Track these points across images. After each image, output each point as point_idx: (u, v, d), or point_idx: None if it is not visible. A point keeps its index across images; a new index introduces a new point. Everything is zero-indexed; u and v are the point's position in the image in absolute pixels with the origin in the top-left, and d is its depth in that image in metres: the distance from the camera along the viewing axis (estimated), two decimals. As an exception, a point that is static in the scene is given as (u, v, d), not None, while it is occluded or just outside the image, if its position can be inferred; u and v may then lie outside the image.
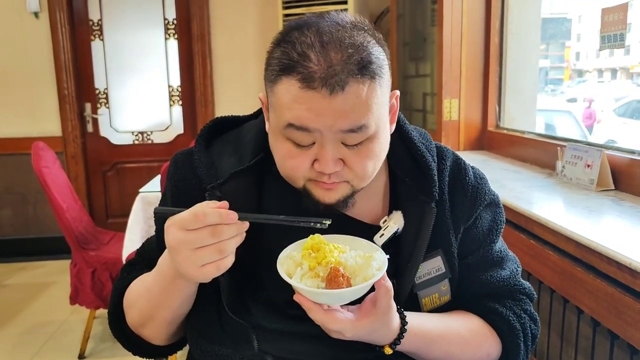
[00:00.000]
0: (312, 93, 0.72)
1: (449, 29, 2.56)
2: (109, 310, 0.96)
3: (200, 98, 3.99)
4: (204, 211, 0.70)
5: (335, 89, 0.71)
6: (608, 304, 1.17)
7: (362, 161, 0.78)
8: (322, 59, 0.72)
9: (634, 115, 6.42)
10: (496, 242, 0.96)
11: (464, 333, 0.89)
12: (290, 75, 0.73)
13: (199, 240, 0.70)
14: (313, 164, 0.78)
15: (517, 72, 2.57)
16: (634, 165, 1.60)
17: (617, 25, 1.63)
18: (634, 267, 1.05)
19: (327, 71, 0.71)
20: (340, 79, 0.71)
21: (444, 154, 0.94)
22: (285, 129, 0.76)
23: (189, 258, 0.71)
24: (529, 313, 0.95)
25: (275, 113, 0.78)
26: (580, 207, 1.52)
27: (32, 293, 3.34)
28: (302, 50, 0.73)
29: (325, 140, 0.75)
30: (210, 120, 0.96)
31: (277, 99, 0.76)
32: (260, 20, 3.93)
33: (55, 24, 3.77)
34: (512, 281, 0.95)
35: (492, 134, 2.60)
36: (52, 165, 2.60)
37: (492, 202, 0.95)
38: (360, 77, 0.73)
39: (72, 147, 3.92)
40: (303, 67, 0.72)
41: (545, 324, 1.51)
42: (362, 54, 0.73)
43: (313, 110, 0.73)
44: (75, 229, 2.52)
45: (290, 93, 0.74)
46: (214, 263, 0.72)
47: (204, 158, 0.89)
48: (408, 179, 0.90)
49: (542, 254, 1.43)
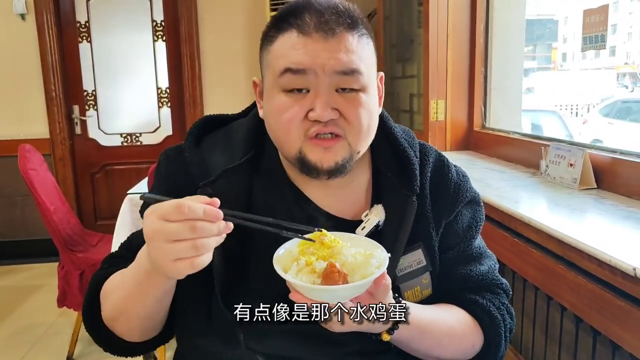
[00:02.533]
0: (307, 38, 0.80)
1: (435, 31, 2.58)
2: (85, 301, 0.93)
3: (188, 99, 3.99)
4: (187, 204, 0.68)
5: (328, 34, 0.79)
6: (590, 300, 1.19)
7: (355, 109, 0.82)
8: (315, 15, 0.80)
9: (618, 115, 6.49)
10: (475, 239, 0.98)
11: (452, 323, 0.91)
12: (287, 30, 0.81)
13: (176, 233, 0.67)
14: (308, 114, 0.81)
15: (502, 73, 2.60)
16: (616, 164, 1.63)
17: (599, 26, 1.67)
18: (614, 264, 1.08)
19: (320, 21, 0.80)
20: (332, 27, 0.80)
21: (427, 150, 0.97)
22: (281, 77, 0.81)
23: (162, 249, 0.68)
24: (506, 306, 0.98)
25: (271, 68, 0.83)
26: (563, 205, 1.55)
27: (20, 296, 3.31)
28: (295, 8, 0.81)
29: (319, 85, 0.80)
30: (199, 119, 0.97)
31: (274, 53, 0.83)
32: (249, 21, 3.93)
33: (42, 25, 3.75)
34: (490, 276, 0.97)
35: (478, 134, 2.63)
36: (40, 167, 2.59)
37: (472, 200, 0.98)
38: (351, 29, 0.81)
39: (60, 149, 3.90)
40: (299, 20, 0.80)
41: (529, 321, 1.54)
42: (352, 16, 0.82)
43: (308, 52, 0.79)
44: (62, 231, 2.51)
45: (287, 42, 0.81)
46: (189, 259, 0.68)
47: (195, 155, 0.90)
48: (390, 173, 0.92)
49: (526, 252, 1.46)
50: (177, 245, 0.68)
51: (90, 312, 0.91)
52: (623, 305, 1.08)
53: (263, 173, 0.89)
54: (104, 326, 0.90)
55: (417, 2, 2.86)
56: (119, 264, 0.92)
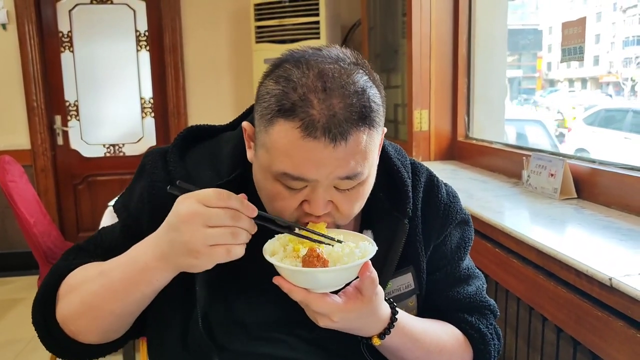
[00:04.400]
0: (313, 143, 0.69)
1: (418, 41, 2.60)
2: (39, 291, 0.85)
3: (172, 110, 3.97)
4: (228, 193, 0.69)
5: (337, 139, 0.69)
6: (569, 310, 1.19)
7: (351, 204, 0.78)
8: (325, 105, 0.69)
9: (602, 124, 6.58)
10: (464, 260, 0.96)
11: (443, 336, 0.89)
12: (290, 120, 0.70)
13: (216, 218, 0.68)
14: (302, 203, 0.76)
15: (485, 83, 2.62)
16: (595, 174, 1.64)
17: (576, 38, 1.68)
18: (590, 274, 1.08)
19: (329, 119, 0.69)
20: (343, 130, 0.69)
21: (418, 170, 0.94)
22: (278, 175, 0.74)
23: (199, 232, 0.67)
24: (494, 327, 0.97)
25: (269, 155, 0.74)
26: (544, 215, 1.55)
27: (0, 310, 3.25)
28: (303, 94, 0.70)
29: (318, 185, 0.74)
30: (184, 129, 0.92)
31: (272, 140, 0.72)
32: (233, 32, 3.93)
33: (24, 35, 3.72)
34: (478, 297, 0.96)
35: (461, 144, 2.64)
36: (19, 179, 2.55)
37: (462, 221, 0.96)
38: (362, 126, 0.71)
39: (41, 160, 3.86)
40: (304, 113, 0.69)
41: (512, 331, 1.53)
42: (363, 102, 0.72)
43: (313, 160, 0.71)
44: (43, 244, 2.47)
45: (288, 139, 0.70)
46: (226, 246, 0.68)
47: (180, 170, 0.86)
48: (382, 193, 0.89)
49: (508, 262, 1.46)
50: (215, 230, 0.68)
51: (43, 304, 0.84)
52: (600, 315, 1.08)
53: (251, 192, 0.84)
54: (54, 323, 0.83)
55: (401, 13, 2.87)
56: (84, 257, 0.88)
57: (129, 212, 0.89)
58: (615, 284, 1.01)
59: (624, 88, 8.44)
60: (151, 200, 0.85)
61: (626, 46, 8.02)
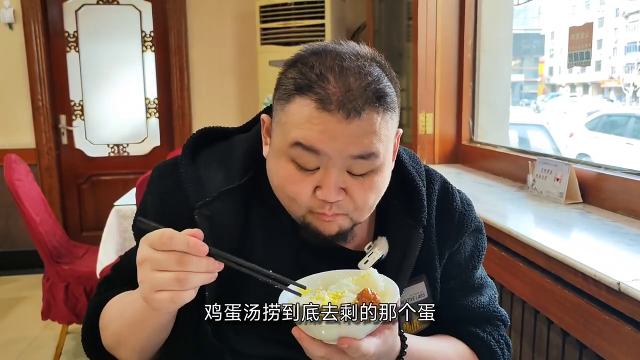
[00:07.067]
0: (327, 115, 0.71)
1: (424, 45, 2.61)
2: (84, 328, 0.90)
3: (177, 111, 3.98)
4: (170, 234, 0.65)
5: (351, 114, 0.70)
6: (576, 314, 1.20)
7: (364, 193, 0.76)
8: (341, 82, 0.71)
9: (604, 129, 6.58)
10: (477, 269, 0.96)
11: (452, 355, 0.89)
12: (306, 95, 0.72)
13: (161, 262, 0.65)
14: (315, 191, 0.75)
15: (489, 87, 2.63)
16: (601, 179, 1.65)
17: (584, 43, 1.69)
18: (598, 278, 1.08)
19: (345, 95, 0.70)
20: (358, 105, 0.71)
21: (433, 177, 0.93)
22: (291, 148, 0.74)
23: (147, 277, 0.66)
24: (504, 339, 0.97)
25: (283, 131, 0.75)
26: (550, 220, 1.56)
27: (3, 308, 3.26)
28: (320, 72, 0.72)
29: (331, 165, 0.73)
30: (197, 131, 0.91)
31: (288, 117, 0.74)
32: (238, 33, 3.94)
33: (30, 35, 3.73)
34: (490, 308, 0.96)
35: (466, 147, 2.65)
36: (25, 177, 2.56)
37: (476, 229, 0.95)
38: (377, 106, 0.72)
39: (46, 160, 3.87)
40: (320, 88, 0.71)
41: (517, 335, 1.54)
42: (379, 85, 0.73)
43: (326, 132, 0.71)
44: (48, 243, 2.48)
45: (303, 112, 0.72)
46: (170, 292, 0.65)
47: (191, 172, 0.84)
48: (396, 201, 0.88)
49: (514, 266, 1.46)
50: (160, 275, 0.65)
51: (91, 339, 0.89)
52: (608, 319, 1.08)
53: (262, 197, 0.84)
54: (106, 352, 0.88)
55: (406, 17, 2.89)
56: (114, 286, 0.90)
57: (142, 231, 0.89)
58: (623, 288, 1.02)
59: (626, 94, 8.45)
60: (160, 215, 0.84)
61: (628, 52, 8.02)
